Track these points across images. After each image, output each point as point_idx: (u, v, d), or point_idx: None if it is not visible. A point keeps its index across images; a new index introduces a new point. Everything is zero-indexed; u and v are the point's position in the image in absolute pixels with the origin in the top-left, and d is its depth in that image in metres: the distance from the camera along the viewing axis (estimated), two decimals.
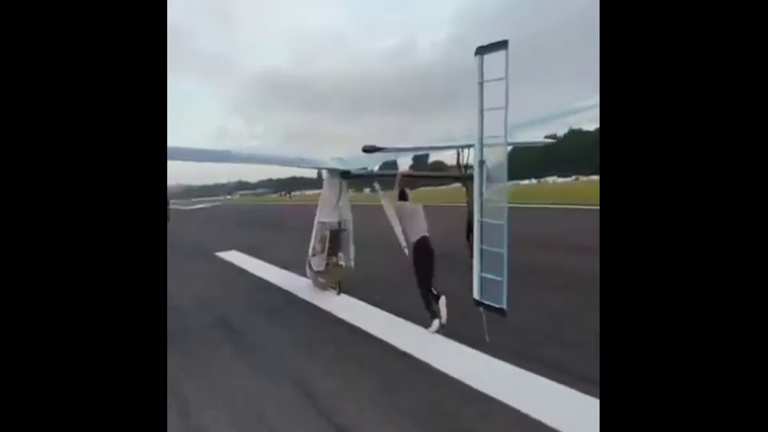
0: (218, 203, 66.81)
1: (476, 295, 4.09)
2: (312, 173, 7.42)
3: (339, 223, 6.48)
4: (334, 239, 6.38)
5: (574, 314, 4.92)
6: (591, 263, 2.35)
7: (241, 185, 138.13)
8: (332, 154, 6.63)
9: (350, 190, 7.17)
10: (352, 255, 6.52)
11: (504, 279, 3.81)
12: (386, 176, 6.08)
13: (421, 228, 4.88)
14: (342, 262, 6.43)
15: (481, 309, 4.10)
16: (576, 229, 11.06)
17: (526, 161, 61.16)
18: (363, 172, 6.28)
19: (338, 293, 6.44)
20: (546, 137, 8.02)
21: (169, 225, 5.14)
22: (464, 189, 6.22)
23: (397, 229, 5.03)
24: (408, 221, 4.89)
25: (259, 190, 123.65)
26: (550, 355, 3.98)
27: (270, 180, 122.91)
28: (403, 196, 5.10)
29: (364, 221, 6.76)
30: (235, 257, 11.05)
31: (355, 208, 6.61)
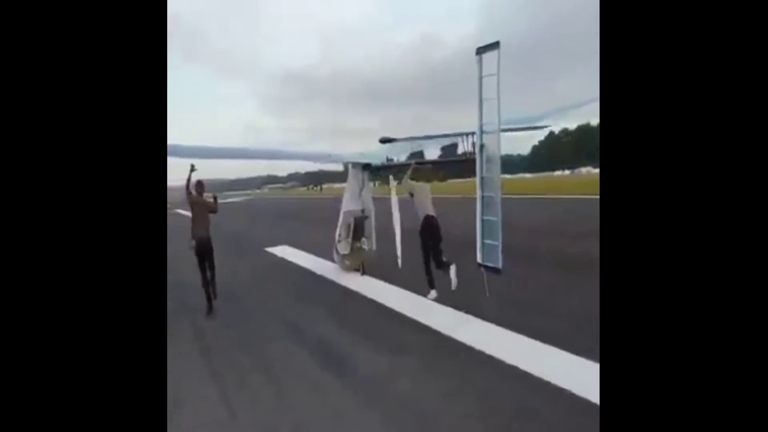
0: (250, 197, 67.68)
1: (479, 258, 4.83)
2: (340, 166, 8.14)
3: (362, 211, 7.32)
4: (358, 226, 7.20)
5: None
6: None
7: (271, 179, 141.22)
8: (358, 148, 7.46)
9: (377, 183, 7.90)
10: (374, 240, 7.35)
11: (499, 243, 4.54)
12: (403, 166, 6.82)
13: (428, 207, 5.58)
14: (365, 246, 7.23)
15: (482, 270, 4.84)
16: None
17: (560, 152, 59.60)
18: (381, 164, 7.08)
19: (362, 274, 7.20)
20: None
21: (211, 218, 6.02)
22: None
23: (396, 215, 6.10)
24: (417, 198, 5.63)
25: (289, 184, 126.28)
26: None
27: (298, 173, 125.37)
28: (414, 178, 5.86)
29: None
30: (286, 252, 10.28)
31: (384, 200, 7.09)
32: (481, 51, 4.54)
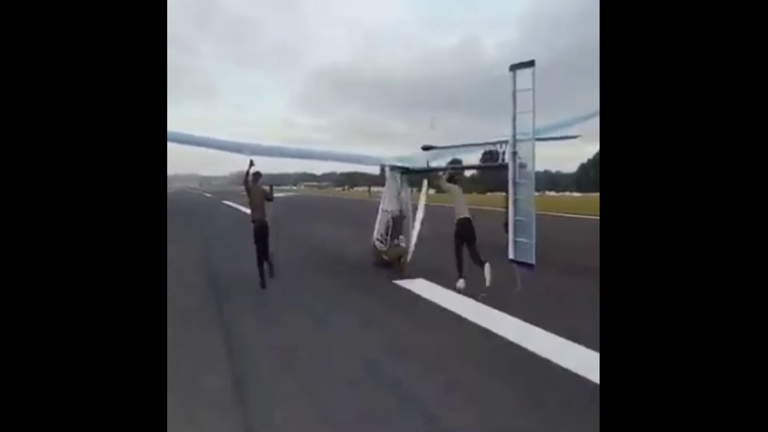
0: (294, 193, 63.29)
1: (511, 255, 5.33)
2: (375, 169, 8.84)
3: (400, 211, 7.95)
4: (396, 224, 7.87)
5: None
6: None
7: (306, 176, 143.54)
8: (396, 151, 8.06)
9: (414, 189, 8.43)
10: (412, 238, 7.91)
11: (533, 242, 5.03)
12: (440, 170, 7.37)
13: (463, 210, 6.20)
14: (402, 243, 7.86)
15: (515, 265, 5.33)
16: None
17: None
18: (421, 167, 7.68)
19: (399, 270, 7.55)
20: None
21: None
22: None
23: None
24: (455, 200, 6.30)
25: (324, 183, 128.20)
26: None
27: (334, 173, 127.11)
28: (451, 181, 6.48)
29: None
30: (434, 294, 6.19)
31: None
32: (514, 68, 5.03)
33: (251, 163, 6.63)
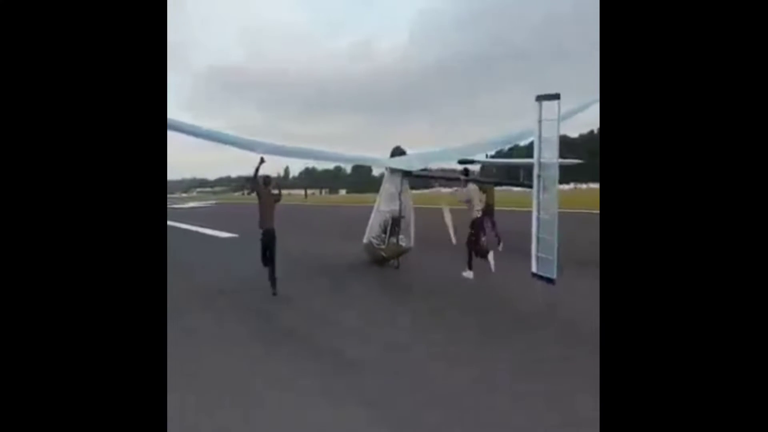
0: (211, 202, 56.55)
1: (534, 269, 5.75)
2: (276, 171, 9.07)
3: (399, 211, 8.16)
4: (395, 224, 8.13)
5: None
6: None
7: (197, 182, 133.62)
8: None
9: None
10: (412, 237, 8.31)
11: (554, 257, 5.50)
12: (446, 179, 7.73)
13: (477, 211, 6.85)
14: (402, 243, 8.15)
15: (536, 279, 5.76)
16: None
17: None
18: (424, 172, 7.96)
19: (397, 267, 8.16)
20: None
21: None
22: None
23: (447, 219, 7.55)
24: (475, 200, 7.02)
25: (217, 188, 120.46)
26: None
27: (229, 178, 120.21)
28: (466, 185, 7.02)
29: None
30: None
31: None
32: (540, 98, 5.50)
33: (261, 161, 6.05)
